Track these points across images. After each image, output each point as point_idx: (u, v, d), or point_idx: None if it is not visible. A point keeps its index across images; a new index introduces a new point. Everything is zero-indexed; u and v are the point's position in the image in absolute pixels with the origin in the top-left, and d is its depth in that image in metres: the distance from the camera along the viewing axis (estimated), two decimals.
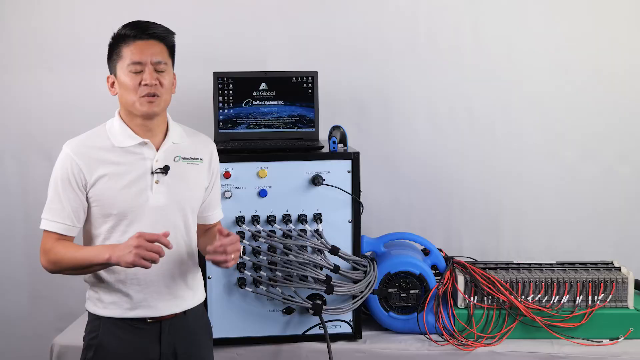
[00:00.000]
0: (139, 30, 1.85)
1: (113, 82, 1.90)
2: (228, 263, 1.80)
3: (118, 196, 1.83)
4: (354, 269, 2.35)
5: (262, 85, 2.51)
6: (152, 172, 1.87)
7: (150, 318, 1.89)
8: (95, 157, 1.84)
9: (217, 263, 1.82)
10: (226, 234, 1.83)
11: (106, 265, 1.77)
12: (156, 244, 1.70)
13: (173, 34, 1.91)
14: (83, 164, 1.83)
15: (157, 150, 1.90)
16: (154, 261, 1.70)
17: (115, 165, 1.84)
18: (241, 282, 2.33)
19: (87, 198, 1.85)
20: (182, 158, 1.93)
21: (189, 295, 1.96)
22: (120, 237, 1.84)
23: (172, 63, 1.92)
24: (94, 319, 1.90)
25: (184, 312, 1.94)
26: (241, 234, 2.29)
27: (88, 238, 1.91)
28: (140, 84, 1.83)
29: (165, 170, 1.88)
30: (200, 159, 1.97)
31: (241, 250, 1.95)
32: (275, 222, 2.31)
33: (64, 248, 1.82)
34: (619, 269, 2.45)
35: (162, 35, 1.87)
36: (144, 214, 1.85)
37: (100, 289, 1.88)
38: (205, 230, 2.06)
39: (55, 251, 1.82)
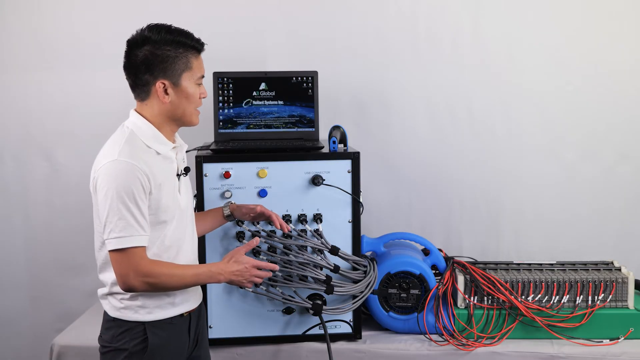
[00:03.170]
0: (201, 45, 1.91)
1: (166, 89, 1.85)
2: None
3: (168, 202, 1.85)
4: (354, 269, 2.35)
5: (262, 85, 2.51)
6: (178, 175, 1.92)
7: (186, 312, 1.95)
8: (151, 164, 1.81)
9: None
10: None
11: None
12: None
13: None
14: (148, 172, 1.78)
15: (177, 152, 1.95)
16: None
17: (162, 171, 1.85)
18: None
19: None
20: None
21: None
22: (164, 240, 1.85)
23: None
24: (135, 326, 1.86)
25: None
26: (241, 234, 2.29)
27: None
28: (199, 96, 1.91)
29: (186, 171, 1.95)
30: (184, 157, 2.03)
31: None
32: None
33: (168, 269, 1.81)
34: (619, 269, 2.45)
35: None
36: (180, 216, 1.90)
37: (142, 295, 1.86)
38: None
39: (159, 272, 1.78)
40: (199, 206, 2.27)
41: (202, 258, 2.26)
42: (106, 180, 1.74)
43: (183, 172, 1.94)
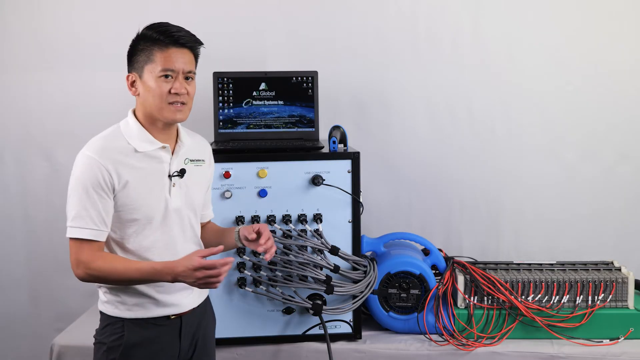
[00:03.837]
0: (174, 38, 1.84)
1: (134, 81, 1.87)
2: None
3: (142, 201, 1.83)
4: (354, 269, 2.35)
5: (262, 85, 2.51)
6: (170, 176, 1.89)
7: (173, 315, 1.92)
8: (120, 161, 1.81)
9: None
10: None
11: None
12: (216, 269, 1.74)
13: (201, 44, 1.93)
14: (112, 168, 1.79)
15: (172, 153, 1.91)
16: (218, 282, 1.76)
17: (137, 169, 1.84)
18: (241, 282, 2.33)
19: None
20: (190, 160, 1.96)
21: (202, 290, 2.01)
22: (141, 240, 1.85)
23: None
24: (115, 321, 1.88)
25: (199, 306, 1.99)
26: None
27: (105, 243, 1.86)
28: (170, 91, 1.84)
29: (182, 173, 1.91)
30: (203, 160, 2.01)
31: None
32: (275, 222, 2.31)
33: (109, 263, 1.78)
34: (619, 269, 2.45)
35: (193, 45, 1.89)
36: (164, 217, 1.87)
37: (122, 291, 1.86)
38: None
39: (99, 266, 1.77)
40: None
41: None
42: (73, 170, 1.81)
43: (178, 173, 1.90)
